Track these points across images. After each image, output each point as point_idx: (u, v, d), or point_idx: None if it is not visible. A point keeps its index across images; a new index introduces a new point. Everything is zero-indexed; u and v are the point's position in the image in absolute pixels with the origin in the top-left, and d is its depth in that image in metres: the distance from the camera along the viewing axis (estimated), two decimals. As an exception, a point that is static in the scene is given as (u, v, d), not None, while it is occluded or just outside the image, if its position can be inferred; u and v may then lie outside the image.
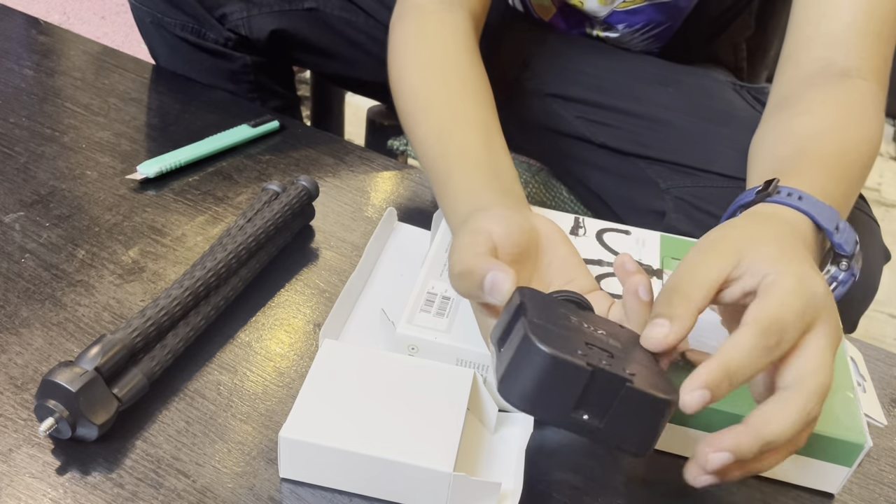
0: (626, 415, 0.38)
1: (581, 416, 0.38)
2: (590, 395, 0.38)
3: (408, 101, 0.64)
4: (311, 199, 0.67)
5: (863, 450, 0.49)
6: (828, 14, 0.64)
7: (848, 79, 0.62)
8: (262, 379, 0.55)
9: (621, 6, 0.80)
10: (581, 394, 0.38)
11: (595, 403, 0.38)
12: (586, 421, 0.38)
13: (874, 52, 0.63)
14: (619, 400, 0.38)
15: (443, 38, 0.66)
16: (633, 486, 0.51)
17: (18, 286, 0.59)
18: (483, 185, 0.56)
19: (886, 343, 1.60)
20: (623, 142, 0.80)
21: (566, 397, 0.38)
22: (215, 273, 0.57)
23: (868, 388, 0.59)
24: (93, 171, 0.73)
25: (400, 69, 0.66)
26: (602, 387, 0.38)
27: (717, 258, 0.44)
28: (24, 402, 0.51)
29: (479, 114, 0.61)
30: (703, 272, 0.43)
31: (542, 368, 0.38)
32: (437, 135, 0.60)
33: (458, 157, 0.58)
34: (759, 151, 0.62)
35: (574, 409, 0.38)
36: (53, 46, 0.93)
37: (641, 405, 0.38)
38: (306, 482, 0.48)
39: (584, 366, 0.38)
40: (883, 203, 2.02)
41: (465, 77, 0.64)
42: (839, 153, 0.55)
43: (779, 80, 0.66)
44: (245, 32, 0.88)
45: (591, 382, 0.38)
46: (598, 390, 0.38)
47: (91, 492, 0.46)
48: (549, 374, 0.38)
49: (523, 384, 0.39)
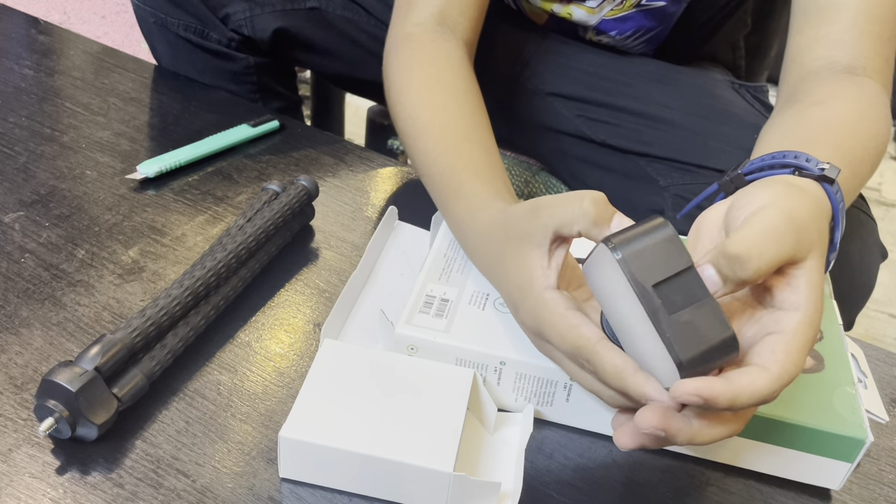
0: (693, 322, 0.40)
1: (657, 299, 0.40)
2: (677, 283, 0.40)
3: (407, 120, 0.64)
4: (311, 199, 0.67)
5: (864, 445, 0.49)
6: (828, 17, 0.64)
7: (855, 76, 0.62)
8: (262, 379, 0.55)
9: (609, 14, 0.80)
10: (671, 276, 0.40)
11: (675, 294, 0.40)
12: (658, 305, 0.40)
13: (877, 52, 0.63)
14: (696, 305, 0.40)
15: (439, 65, 0.66)
16: (632, 487, 0.51)
17: (18, 286, 0.60)
18: (497, 190, 0.56)
19: (887, 343, 1.60)
20: (623, 140, 0.81)
21: (659, 269, 0.40)
22: (215, 273, 0.57)
23: (869, 385, 0.59)
24: (93, 170, 0.73)
25: (398, 92, 0.66)
26: (690, 284, 0.41)
27: (794, 247, 0.42)
28: (24, 401, 0.51)
29: (479, 135, 0.62)
30: (779, 255, 0.42)
31: (659, 229, 0.41)
32: (442, 147, 0.60)
33: (469, 166, 0.58)
34: (772, 134, 0.60)
35: (656, 285, 0.40)
36: (53, 46, 0.93)
37: (712, 323, 0.40)
38: (306, 482, 0.48)
39: (688, 257, 0.41)
40: (883, 203, 2.02)
41: (463, 101, 0.64)
42: (851, 147, 0.55)
43: (785, 82, 0.66)
44: (248, 32, 0.88)
45: (685, 273, 0.41)
46: (686, 285, 0.41)
47: (91, 492, 0.46)
48: (662, 240, 0.41)
49: (635, 241, 0.41)
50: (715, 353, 0.41)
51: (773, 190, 0.45)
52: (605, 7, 0.79)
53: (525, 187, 0.92)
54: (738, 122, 0.76)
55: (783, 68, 0.68)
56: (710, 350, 0.41)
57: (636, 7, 0.79)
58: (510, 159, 0.94)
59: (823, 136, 0.55)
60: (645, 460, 0.53)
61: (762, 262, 0.41)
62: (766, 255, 0.41)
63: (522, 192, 0.92)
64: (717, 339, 0.41)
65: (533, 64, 0.87)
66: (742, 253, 0.41)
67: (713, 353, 0.41)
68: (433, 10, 0.69)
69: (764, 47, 0.96)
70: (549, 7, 0.83)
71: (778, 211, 0.43)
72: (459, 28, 0.70)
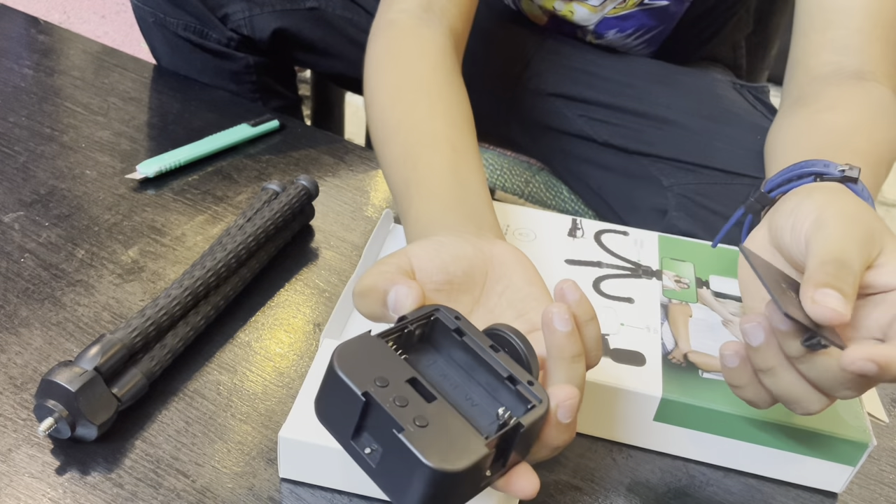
0: (397, 465, 0.35)
1: (362, 448, 0.36)
2: (369, 427, 0.36)
3: (377, 124, 0.61)
4: (311, 199, 0.67)
5: (867, 449, 0.49)
6: (834, 21, 0.64)
7: (864, 81, 0.62)
8: (261, 379, 0.55)
9: (612, 13, 0.80)
10: (358, 422, 0.36)
11: (375, 440, 0.36)
12: (366, 455, 0.36)
13: (884, 56, 0.63)
14: (390, 444, 0.35)
15: (415, 57, 0.63)
16: (632, 487, 0.51)
17: (18, 286, 0.59)
18: (443, 211, 0.52)
19: (887, 343, 1.60)
20: (626, 140, 0.80)
21: (347, 421, 0.37)
22: (215, 273, 0.57)
23: (869, 388, 0.59)
24: (92, 170, 0.73)
25: (371, 92, 0.63)
26: (379, 424, 0.36)
27: (868, 241, 0.42)
28: (24, 401, 0.51)
29: (448, 133, 0.57)
30: (860, 251, 0.41)
31: (328, 382, 0.37)
32: (402, 159, 0.57)
33: (421, 183, 0.54)
34: (783, 142, 0.60)
35: (354, 436, 0.37)
36: (53, 46, 0.93)
37: (407, 461, 0.34)
38: (306, 482, 0.48)
39: (357, 392, 0.36)
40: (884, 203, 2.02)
41: (436, 97, 0.60)
42: (868, 150, 0.55)
43: (790, 83, 0.66)
44: (247, 32, 0.88)
45: (368, 414, 0.36)
46: (376, 426, 0.36)
47: (90, 492, 0.46)
48: (331, 389, 0.37)
49: (320, 397, 0.38)
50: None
51: (815, 199, 0.45)
52: (608, 5, 0.79)
53: (525, 187, 0.92)
54: (740, 122, 0.76)
55: (787, 70, 0.67)
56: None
57: (639, 6, 0.79)
58: (510, 159, 0.94)
59: (840, 141, 0.55)
60: (645, 460, 0.53)
61: (857, 265, 0.41)
62: (854, 256, 0.41)
63: (523, 192, 0.92)
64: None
65: (534, 64, 0.87)
66: (841, 259, 0.40)
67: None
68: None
69: (764, 46, 0.96)
70: (551, 5, 0.82)
71: (837, 215, 0.42)
72: (447, 15, 0.66)
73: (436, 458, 0.34)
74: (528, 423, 0.37)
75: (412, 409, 0.36)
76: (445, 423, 0.36)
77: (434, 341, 0.42)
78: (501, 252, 0.47)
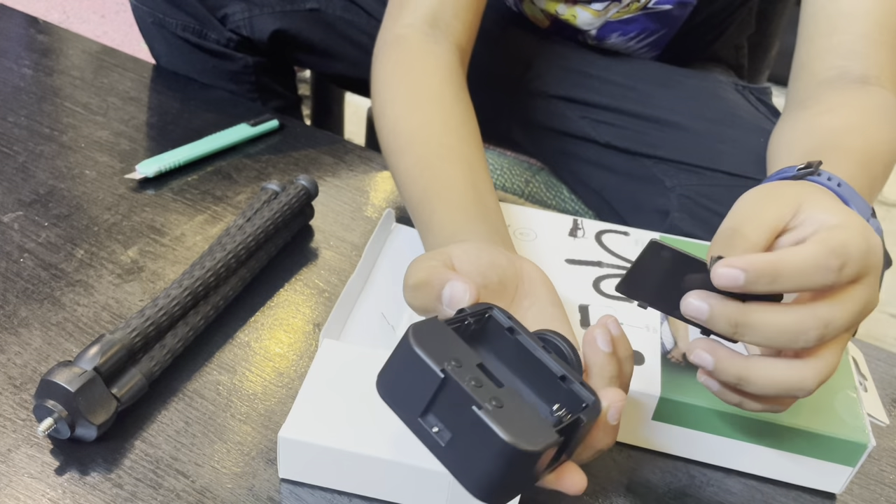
0: (469, 443, 0.35)
1: (430, 427, 0.36)
2: (441, 405, 0.36)
3: (389, 135, 0.62)
4: (311, 199, 0.67)
5: (866, 449, 0.49)
6: (839, 26, 0.64)
7: (868, 85, 0.62)
8: (261, 379, 0.55)
9: (615, 17, 0.80)
10: (431, 399, 0.36)
11: (446, 418, 0.36)
12: (433, 434, 0.36)
13: (889, 61, 0.63)
14: (464, 422, 0.35)
15: (425, 72, 0.64)
16: (633, 487, 0.51)
17: (17, 286, 0.59)
18: (468, 222, 0.53)
19: (888, 343, 1.60)
20: (628, 142, 0.80)
21: (418, 398, 0.37)
22: (214, 273, 0.57)
23: (870, 388, 0.59)
24: (92, 170, 0.73)
25: (382, 104, 0.64)
26: (453, 401, 0.36)
27: (777, 204, 0.43)
28: (23, 402, 0.51)
29: (462, 150, 0.58)
30: (764, 215, 0.42)
31: (401, 358, 0.37)
32: (420, 168, 0.57)
33: (441, 193, 0.55)
34: (782, 144, 0.61)
35: (423, 413, 0.36)
36: (52, 45, 0.93)
37: (483, 438, 0.34)
38: (306, 482, 0.48)
39: (436, 369, 0.36)
40: (884, 203, 2.02)
41: (449, 112, 0.61)
42: (864, 150, 0.55)
43: (794, 86, 0.66)
44: (246, 33, 0.88)
45: (442, 392, 0.36)
46: (450, 404, 0.36)
47: (90, 492, 0.46)
48: (404, 366, 0.37)
49: (387, 373, 0.38)
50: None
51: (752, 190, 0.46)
52: (611, 10, 0.79)
53: (525, 187, 0.92)
54: (743, 124, 0.76)
55: (792, 74, 0.67)
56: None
57: (642, 10, 0.79)
58: (510, 159, 0.94)
59: (834, 142, 0.55)
60: (645, 460, 0.52)
61: (750, 230, 0.42)
62: (749, 223, 0.42)
63: (523, 192, 0.92)
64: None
65: (536, 66, 0.87)
66: (733, 227, 0.42)
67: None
68: (425, 11, 0.67)
69: (765, 46, 0.96)
70: (554, 8, 0.82)
71: (749, 193, 0.44)
72: (452, 31, 0.67)
73: (515, 437, 0.34)
74: (588, 418, 0.38)
75: (487, 390, 0.36)
76: (518, 408, 0.36)
77: (485, 338, 0.43)
78: (530, 269, 0.48)
